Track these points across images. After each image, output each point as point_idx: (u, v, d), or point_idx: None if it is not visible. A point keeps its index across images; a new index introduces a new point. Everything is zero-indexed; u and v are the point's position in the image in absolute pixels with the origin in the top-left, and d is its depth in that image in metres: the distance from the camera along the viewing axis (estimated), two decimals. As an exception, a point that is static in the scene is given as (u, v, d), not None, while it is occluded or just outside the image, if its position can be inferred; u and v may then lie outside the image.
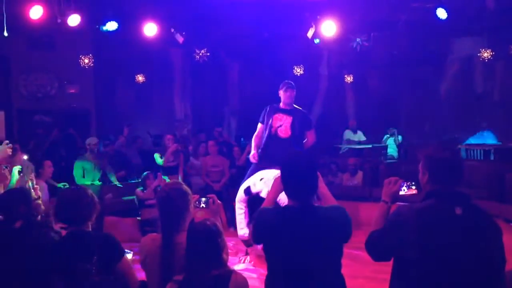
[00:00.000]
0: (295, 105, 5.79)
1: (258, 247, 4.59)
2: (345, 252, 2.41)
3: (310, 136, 5.80)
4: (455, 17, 8.51)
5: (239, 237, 5.66)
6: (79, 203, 2.69)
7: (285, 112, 5.70)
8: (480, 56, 10.15)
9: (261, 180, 5.35)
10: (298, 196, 2.40)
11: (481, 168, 8.57)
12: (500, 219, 6.19)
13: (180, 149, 8.37)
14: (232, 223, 7.77)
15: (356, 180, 8.93)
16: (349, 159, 9.49)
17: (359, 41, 11.10)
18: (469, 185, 7.99)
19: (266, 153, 5.68)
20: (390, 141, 11.01)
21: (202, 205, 2.76)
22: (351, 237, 2.41)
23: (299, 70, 11.66)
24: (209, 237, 2.39)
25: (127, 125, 9.43)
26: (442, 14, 8.26)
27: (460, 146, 11.18)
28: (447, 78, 12.58)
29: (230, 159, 8.73)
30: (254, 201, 5.39)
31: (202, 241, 2.38)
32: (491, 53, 9.95)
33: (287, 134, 5.62)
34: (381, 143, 11.24)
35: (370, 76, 13.01)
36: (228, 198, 7.87)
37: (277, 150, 5.51)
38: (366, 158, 10.39)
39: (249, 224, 5.46)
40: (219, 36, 10.69)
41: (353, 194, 7.92)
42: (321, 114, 13.02)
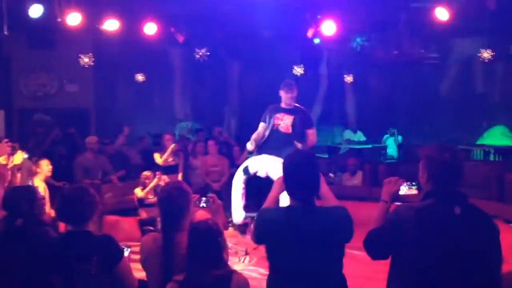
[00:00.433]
0: (296, 104, 5.80)
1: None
2: (345, 252, 2.41)
3: (311, 136, 5.79)
4: (456, 17, 8.50)
5: (234, 221, 5.60)
6: (81, 202, 2.67)
7: (286, 111, 5.71)
8: (480, 57, 10.14)
9: (259, 160, 5.38)
10: (299, 196, 2.40)
11: (481, 168, 8.58)
12: (500, 219, 6.19)
13: (179, 148, 8.37)
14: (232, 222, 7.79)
15: (356, 180, 8.93)
16: (348, 159, 9.48)
17: (359, 41, 11.10)
18: (468, 185, 7.97)
19: (266, 144, 5.70)
20: (390, 141, 11.01)
21: (203, 205, 2.76)
22: (352, 237, 2.41)
23: (299, 70, 11.65)
24: (210, 236, 2.39)
25: (127, 124, 9.43)
26: (442, 14, 8.26)
27: (460, 146, 11.19)
28: (447, 79, 12.59)
29: (230, 158, 8.73)
30: (252, 185, 5.37)
31: (203, 240, 2.38)
32: (491, 53, 9.94)
33: (288, 131, 5.64)
34: (380, 143, 11.24)
35: (370, 76, 13.01)
36: (228, 198, 7.87)
37: (277, 142, 5.55)
38: (365, 158, 10.39)
39: (245, 207, 5.43)
40: (219, 35, 10.68)
41: (352, 194, 7.91)
42: (321, 114, 13.03)
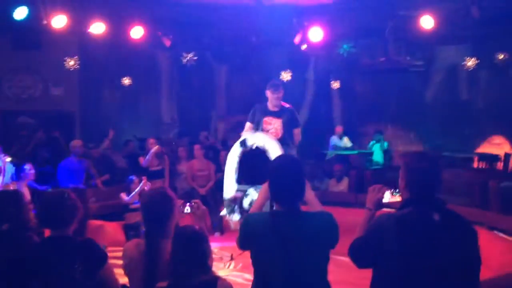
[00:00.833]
0: (282, 102, 5.75)
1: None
2: (330, 258, 2.41)
3: (297, 136, 5.77)
4: (441, 26, 8.60)
5: (224, 196, 5.49)
6: (61, 206, 2.64)
7: (274, 114, 5.67)
8: (465, 65, 10.26)
9: (257, 135, 5.38)
10: (284, 201, 2.39)
11: (464, 175, 8.65)
12: (484, 226, 6.26)
13: (163, 152, 8.34)
14: (218, 227, 7.77)
15: (342, 186, 8.96)
16: (335, 165, 9.51)
17: (345, 47, 11.17)
18: (452, 192, 8.05)
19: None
20: (376, 148, 11.07)
21: (187, 210, 2.74)
22: (337, 243, 2.41)
23: (286, 76, 11.68)
24: (194, 242, 2.36)
25: (112, 128, 9.36)
26: (427, 22, 8.35)
27: (444, 153, 11.29)
28: (432, 86, 12.71)
29: (216, 163, 8.70)
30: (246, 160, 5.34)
31: (188, 246, 2.35)
32: (475, 61, 10.06)
33: (277, 136, 5.63)
34: (367, 150, 11.29)
35: (357, 82, 13.09)
36: (214, 203, 7.84)
37: None
38: (352, 164, 10.44)
39: (238, 180, 5.36)
40: (206, 40, 10.67)
41: (338, 200, 7.94)
42: (307, 119, 13.06)
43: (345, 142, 11.69)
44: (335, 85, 12.72)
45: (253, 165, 5.27)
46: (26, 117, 10.62)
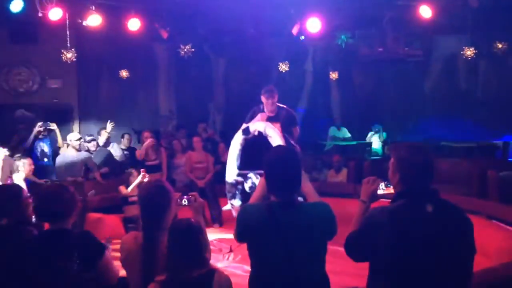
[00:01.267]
0: (278, 104, 5.76)
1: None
2: (329, 248, 2.40)
3: (295, 132, 5.79)
4: (439, 15, 8.56)
5: (226, 179, 5.50)
6: (59, 199, 2.64)
7: (272, 119, 5.67)
8: (464, 54, 10.23)
9: (258, 122, 5.40)
10: (281, 192, 2.39)
11: (463, 165, 8.66)
12: (482, 215, 6.27)
13: (160, 145, 8.33)
14: (217, 219, 7.78)
15: (341, 177, 8.97)
16: (333, 156, 9.51)
17: (344, 38, 11.13)
18: (451, 181, 8.07)
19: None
20: (375, 138, 11.07)
21: (184, 203, 2.73)
22: (336, 234, 2.40)
23: (284, 67, 11.63)
24: (191, 235, 2.36)
25: (110, 121, 9.33)
26: (426, 12, 8.31)
27: (443, 143, 11.30)
28: (431, 76, 12.69)
29: (215, 155, 8.69)
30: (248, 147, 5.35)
31: (184, 239, 2.35)
32: (474, 51, 10.03)
33: None
34: (365, 140, 11.29)
35: (355, 73, 13.06)
36: (212, 195, 7.84)
37: None
38: (350, 155, 10.44)
39: (240, 167, 5.38)
40: (204, 31, 10.62)
41: (337, 191, 7.95)
42: (306, 110, 13.04)
43: (344, 132, 11.69)
44: (334, 76, 12.69)
45: (254, 151, 5.28)
46: (24, 110, 10.60)
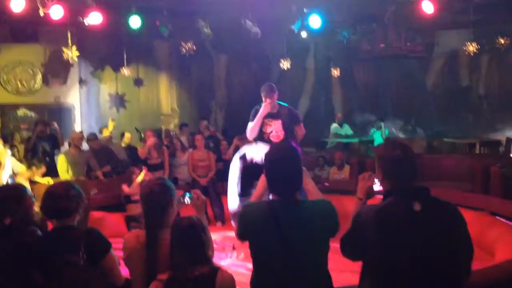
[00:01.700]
0: (279, 102, 5.77)
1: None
2: (331, 246, 2.38)
3: (299, 130, 5.79)
4: (441, 11, 8.53)
5: (229, 208, 5.55)
6: (66, 197, 2.68)
7: (273, 116, 5.67)
8: (466, 50, 10.19)
9: (256, 148, 5.38)
10: (282, 191, 2.37)
11: (466, 161, 8.64)
12: (486, 212, 6.24)
13: (162, 144, 8.31)
14: (220, 217, 7.76)
15: (343, 173, 8.95)
16: (336, 153, 9.49)
17: (345, 34, 11.09)
18: (454, 178, 8.05)
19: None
20: (377, 135, 11.04)
21: (187, 201, 2.71)
22: (339, 230, 2.39)
23: (285, 63, 11.61)
24: (193, 233, 2.35)
25: (112, 119, 9.33)
26: (428, 7, 8.27)
27: (446, 139, 11.27)
28: (433, 72, 12.65)
29: (217, 153, 8.67)
30: (248, 172, 5.36)
31: (187, 237, 2.34)
32: (476, 46, 9.99)
33: (279, 139, 5.62)
34: (367, 137, 11.27)
35: (357, 69, 13.02)
36: (215, 193, 7.82)
37: None
38: (353, 151, 10.42)
39: (241, 195, 5.40)
40: (205, 28, 10.59)
41: (340, 188, 7.92)
42: (308, 107, 13.02)
43: (346, 129, 11.67)
44: (335, 72, 12.66)
45: (254, 176, 5.29)
46: (26, 110, 10.60)
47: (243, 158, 5.40)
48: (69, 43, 8.81)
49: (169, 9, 9.27)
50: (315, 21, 8.77)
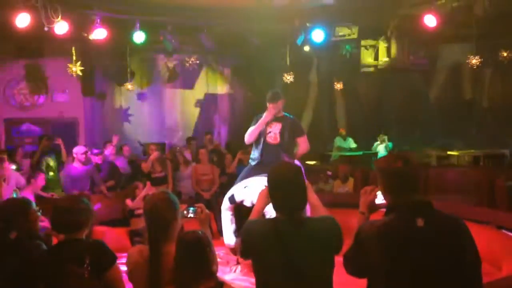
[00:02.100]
0: (285, 113, 5.81)
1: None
2: (337, 260, 2.36)
3: (303, 144, 5.77)
4: (444, 24, 8.55)
5: (226, 245, 5.62)
6: (75, 211, 2.69)
7: (276, 119, 5.73)
8: (469, 63, 10.20)
9: (244, 188, 5.34)
10: (285, 209, 2.35)
11: (471, 174, 8.60)
12: (492, 225, 6.20)
13: (165, 157, 8.31)
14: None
15: (347, 187, 8.92)
16: (339, 166, 9.47)
17: (348, 48, 11.13)
18: (459, 191, 8.01)
19: (258, 159, 5.68)
20: (381, 148, 11.02)
21: (190, 215, 2.70)
22: (343, 246, 2.36)
23: (288, 77, 11.64)
24: (198, 247, 2.33)
25: (115, 134, 9.35)
26: (430, 21, 8.30)
27: (450, 153, 11.23)
28: (436, 85, 12.65)
29: (221, 167, 8.66)
30: (240, 209, 5.37)
31: (191, 251, 2.32)
32: (479, 59, 10.00)
33: (276, 141, 5.65)
34: (371, 150, 11.25)
35: (360, 83, 13.04)
36: (218, 207, 7.80)
37: (267, 156, 5.54)
38: (356, 165, 10.39)
39: (236, 232, 5.42)
40: (208, 43, 10.65)
41: (344, 201, 7.88)
42: (311, 121, 13.03)
43: (349, 143, 11.65)
44: (338, 86, 12.68)
45: (248, 214, 5.29)
46: (30, 124, 10.63)
47: (232, 200, 5.41)
48: (74, 58, 8.88)
49: (173, 24, 9.33)
50: (318, 35, 8.81)
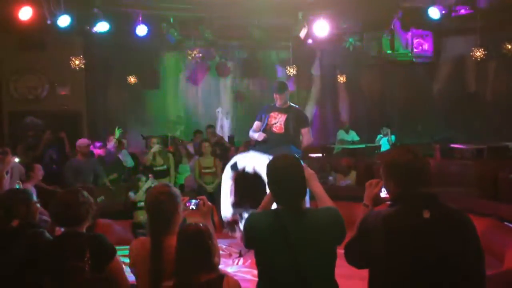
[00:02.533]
0: (291, 103, 5.83)
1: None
2: (339, 252, 2.36)
3: (306, 135, 5.77)
4: (447, 16, 8.52)
5: (222, 217, 5.59)
6: (76, 204, 2.70)
7: (280, 110, 5.75)
8: (473, 56, 10.15)
9: (247, 156, 5.39)
10: (286, 201, 2.35)
11: (474, 167, 8.57)
12: (495, 218, 6.19)
13: (167, 150, 8.33)
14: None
15: (350, 180, 8.92)
16: (342, 159, 9.46)
17: (351, 41, 11.09)
18: (461, 184, 7.99)
19: (260, 144, 5.70)
20: (384, 141, 10.99)
21: (192, 207, 2.70)
22: (346, 238, 2.36)
23: (291, 70, 11.61)
24: (200, 239, 2.34)
25: (118, 127, 9.35)
26: (434, 13, 8.27)
27: (453, 146, 11.20)
28: (439, 78, 12.60)
29: (223, 160, 8.67)
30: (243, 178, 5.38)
31: (192, 243, 2.33)
32: (483, 52, 9.94)
33: (281, 131, 5.65)
34: (374, 143, 11.22)
35: (363, 76, 12.99)
36: (221, 200, 7.81)
37: (271, 142, 5.56)
38: (359, 158, 10.37)
39: (233, 205, 5.42)
40: (211, 36, 10.64)
41: (346, 194, 7.88)
42: (314, 114, 13.00)
43: (352, 135, 11.64)
44: (341, 79, 12.64)
45: (247, 188, 5.33)
46: (33, 117, 10.65)
47: (234, 168, 5.42)
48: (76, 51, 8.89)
49: (175, 17, 9.32)
50: (321, 28, 8.78)
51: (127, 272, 2.72)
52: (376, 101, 12.86)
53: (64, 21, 7.70)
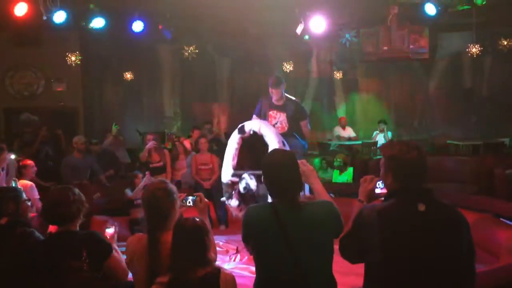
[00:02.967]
0: (287, 95, 5.81)
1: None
2: (335, 248, 2.37)
3: (305, 128, 5.80)
4: (444, 13, 8.52)
5: (222, 180, 5.53)
6: (66, 202, 2.68)
7: (279, 108, 5.73)
8: (469, 52, 10.16)
9: (254, 121, 5.44)
10: (282, 196, 2.36)
11: (470, 163, 8.60)
12: (490, 214, 6.21)
13: (163, 147, 8.31)
14: (223, 221, 7.75)
15: (346, 176, 8.93)
16: (339, 155, 9.47)
17: (348, 37, 11.09)
18: (457, 180, 8.01)
19: None
20: (380, 137, 11.02)
21: (189, 204, 2.71)
22: (342, 232, 2.37)
23: (288, 67, 11.60)
24: (195, 234, 2.35)
25: (115, 123, 9.33)
26: (431, 9, 8.27)
27: (449, 141, 11.24)
28: (436, 74, 12.62)
29: (220, 156, 8.65)
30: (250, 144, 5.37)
31: (188, 238, 2.34)
32: (479, 48, 9.96)
33: (283, 130, 5.66)
34: (370, 139, 11.24)
35: (360, 72, 13.01)
36: (218, 196, 7.81)
37: None
38: (356, 154, 10.39)
39: (234, 167, 5.38)
40: (207, 32, 10.63)
41: (343, 190, 7.90)
42: (311, 110, 13.00)
43: (349, 132, 11.65)
44: (338, 75, 12.65)
45: (250, 150, 5.31)
46: (29, 114, 10.62)
47: (241, 130, 5.39)
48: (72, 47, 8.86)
49: (172, 13, 9.29)
50: (317, 24, 8.76)
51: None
52: (373, 97, 12.88)
53: (60, 17, 7.65)
